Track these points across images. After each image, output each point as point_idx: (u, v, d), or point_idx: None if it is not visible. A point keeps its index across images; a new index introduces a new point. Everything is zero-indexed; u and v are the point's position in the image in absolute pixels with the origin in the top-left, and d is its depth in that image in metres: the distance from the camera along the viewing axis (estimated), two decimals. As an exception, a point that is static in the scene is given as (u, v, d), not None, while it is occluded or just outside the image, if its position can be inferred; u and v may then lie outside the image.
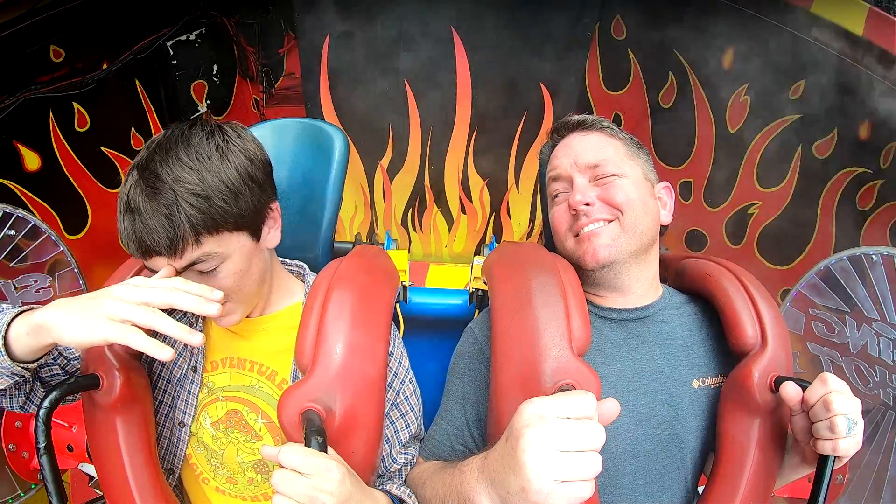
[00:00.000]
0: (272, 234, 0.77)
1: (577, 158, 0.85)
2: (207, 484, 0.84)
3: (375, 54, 2.03)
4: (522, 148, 2.23)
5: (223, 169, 0.67)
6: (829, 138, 1.49)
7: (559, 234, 0.86)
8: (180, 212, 0.64)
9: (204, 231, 0.66)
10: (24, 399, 0.74)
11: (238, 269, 0.71)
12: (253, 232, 0.73)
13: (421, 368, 0.88)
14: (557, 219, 0.86)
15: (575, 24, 1.95)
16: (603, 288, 0.86)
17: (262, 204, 0.73)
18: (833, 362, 1.27)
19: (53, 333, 0.59)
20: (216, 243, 0.68)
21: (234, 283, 0.72)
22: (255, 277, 0.75)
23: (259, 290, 0.78)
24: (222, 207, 0.66)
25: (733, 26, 1.61)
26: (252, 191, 0.71)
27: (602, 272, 0.82)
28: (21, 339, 0.61)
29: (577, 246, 0.82)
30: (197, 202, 0.64)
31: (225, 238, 0.68)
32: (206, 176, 0.66)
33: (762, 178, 1.71)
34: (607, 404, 0.54)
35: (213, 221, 0.66)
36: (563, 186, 0.87)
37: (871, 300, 1.20)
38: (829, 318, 1.27)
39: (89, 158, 1.55)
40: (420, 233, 2.44)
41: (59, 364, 0.77)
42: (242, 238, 0.71)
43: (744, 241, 1.77)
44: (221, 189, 0.66)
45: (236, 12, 1.99)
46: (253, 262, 0.74)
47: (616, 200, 0.81)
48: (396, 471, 0.80)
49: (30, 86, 1.35)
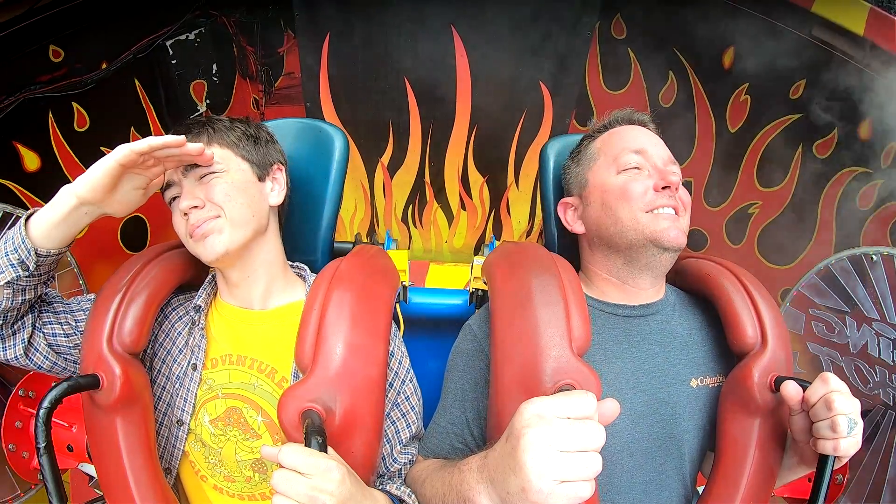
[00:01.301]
0: (275, 190, 0.87)
1: (660, 150, 0.87)
2: (206, 482, 0.84)
3: (375, 53, 2.03)
4: (522, 146, 2.23)
5: (250, 127, 0.88)
6: (830, 138, 1.49)
7: (630, 201, 0.82)
8: (206, 126, 0.84)
9: (216, 140, 0.82)
10: (23, 351, 0.78)
11: (233, 183, 0.80)
12: (256, 170, 0.85)
13: (421, 368, 0.88)
14: (631, 188, 0.83)
15: (575, 23, 1.94)
16: (636, 273, 0.84)
17: (270, 157, 0.88)
18: (833, 362, 1.27)
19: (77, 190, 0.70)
20: (221, 154, 0.81)
21: (227, 194, 0.79)
22: (249, 202, 0.81)
23: (252, 225, 0.81)
24: (239, 135, 0.85)
25: (734, 26, 1.61)
26: (266, 146, 0.88)
27: (664, 255, 0.81)
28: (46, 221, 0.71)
29: (656, 220, 0.80)
30: (220, 124, 0.85)
31: (230, 156, 0.83)
32: (235, 122, 0.87)
33: (762, 178, 1.71)
34: (607, 404, 0.54)
35: (227, 138, 0.83)
36: (641, 161, 0.85)
37: (871, 300, 1.20)
38: (829, 318, 1.27)
39: (89, 158, 1.53)
40: (420, 229, 2.45)
41: (63, 322, 0.81)
42: (244, 165, 0.84)
43: (744, 241, 1.77)
44: (244, 128, 0.87)
45: (236, 12, 1.99)
46: (249, 189, 0.82)
47: (686, 201, 0.84)
48: (397, 471, 0.80)
49: (29, 86, 1.35)
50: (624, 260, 0.84)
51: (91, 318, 0.76)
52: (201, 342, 0.83)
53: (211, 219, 0.78)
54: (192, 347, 0.83)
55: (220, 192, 0.79)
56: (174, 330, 0.86)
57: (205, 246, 0.78)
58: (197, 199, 0.78)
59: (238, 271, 0.83)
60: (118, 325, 0.74)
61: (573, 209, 0.92)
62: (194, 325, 0.84)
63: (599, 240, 0.87)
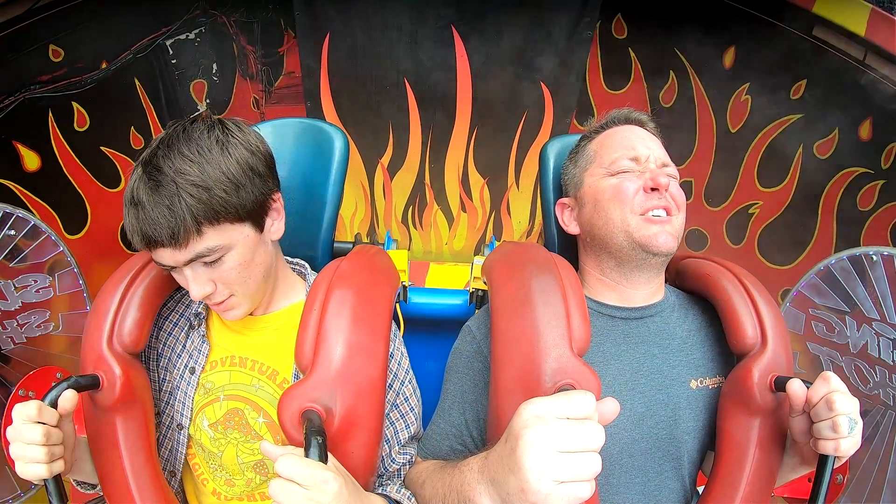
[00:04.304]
0: (276, 225, 0.78)
1: (655, 151, 0.86)
2: (206, 485, 0.84)
3: (375, 53, 2.03)
4: (522, 147, 2.23)
5: (224, 161, 0.68)
6: (830, 138, 1.49)
7: (621, 203, 0.82)
8: (181, 203, 0.65)
9: (205, 221, 0.66)
10: None
11: (242, 261, 0.72)
12: (256, 223, 0.73)
13: (421, 368, 0.88)
14: (623, 190, 0.82)
15: (576, 23, 1.94)
16: (627, 274, 0.84)
17: (264, 195, 0.74)
18: (833, 362, 1.27)
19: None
20: (218, 235, 0.69)
21: (239, 275, 0.73)
22: (260, 269, 0.76)
23: (264, 284, 0.79)
24: (223, 198, 0.67)
25: (734, 26, 1.61)
26: (253, 182, 0.71)
27: (654, 259, 0.81)
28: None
29: (646, 226, 0.80)
30: (198, 193, 0.66)
31: (227, 229, 0.69)
32: (206, 168, 0.67)
33: (763, 178, 1.71)
34: (607, 404, 0.54)
35: (214, 212, 0.67)
36: (633, 164, 0.84)
37: (871, 300, 1.20)
38: (829, 318, 1.27)
39: (89, 158, 1.55)
40: (420, 230, 2.45)
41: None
42: (245, 229, 0.72)
43: (744, 241, 1.77)
44: (222, 180, 0.67)
45: (236, 11, 1.99)
46: (257, 253, 0.74)
47: (679, 199, 0.83)
48: (395, 471, 0.80)
49: (29, 85, 1.35)
50: (616, 262, 0.84)
51: (91, 318, 0.76)
52: (202, 347, 0.82)
53: (226, 299, 0.74)
54: (191, 351, 0.83)
55: (232, 276, 0.72)
56: (173, 333, 0.86)
57: (225, 315, 0.78)
58: (207, 285, 0.71)
59: None
60: (118, 326, 0.74)
61: (570, 210, 0.92)
62: (192, 329, 0.84)
63: (592, 241, 0.86)
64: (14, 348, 1.30)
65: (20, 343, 1.31)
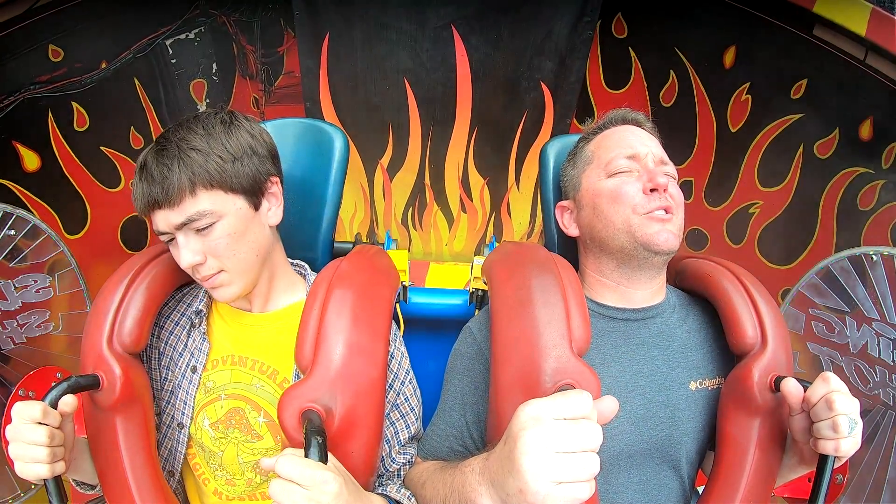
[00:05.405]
0: (273, 210, 0.80)
1: (653, 149, 0.86)
2: (207, 485, 0.84)
3: (375, 53, 2.03)
4: (523, 147, 2.22)
5: (225, 137, 0.74)
6: (831, 138, 1.49)
7: (621, 204, 0.82)
8: (180, 163, 0.70)
9: (199, 183, 0.71)
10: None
11: (233, 231, 0.74)
12: (250, 199, 0.76)
13: (421, 368, 0.88)
14: (622, 192, 0.82)
15: (576, 23, 1.94)
16: (628, 274, 0.83)
17: (261, 175, 0.77)
18: (833, 362, 1.27)
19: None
20: (210, 200, 0.72)
21: (228, 247, 0.74)
22: (252, 247, 0.77)
23: (258, 265, 0.79)
24: (220, 164, 0.72)
25: (735, 25, 1.61)
26: (251, 159, 0.76)
27: (655, 258, 0.81)
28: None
29: (648, 224, 0.79)
30: (196, 156, 0.71)
31: (220, 196, 0.73)
32: (209, 140, 0.73)
33: (763, 178, 1.71)
34: (605, 402, 0.54)
35: (209, 175, 0.71)
36: (631, 164, 0.84)
37: (871, 300, 1.20)
38: (829, 318, 1.27)
39: (89, 158, 1.55)
40: (420, 231, 2.44)
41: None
42: (238, 201, 0.75)
43: (744, 241, 1.77)
44: (221, 151, 0.73)
45: (236, 11, 1.99)
46: (249, 229, 0.76)
47: (678, 199, 0.83)
48: (395, 471, 0.80)
49: (29, 85, 1.35)
50: (616, 263, 0.84)
51: (91, 318, 0.76)
52: (203, 345, 0.82)
53: (215, 274, 0.76)
54: (192, 350, 0.83)
55: (221, 245, 0.74)
56: (175, 332, 0.86)
57: (214, 293, 0.79)
58: (198, 254, 0.73)
59: None
60: (118, 325, 0.74)
61: (569, 212, 0.92)
62: (193, 328, 0.84)
63: (592, 242, 0.86)
64: (14, 348, 1.30)
65: (20, 343, 1.31)
